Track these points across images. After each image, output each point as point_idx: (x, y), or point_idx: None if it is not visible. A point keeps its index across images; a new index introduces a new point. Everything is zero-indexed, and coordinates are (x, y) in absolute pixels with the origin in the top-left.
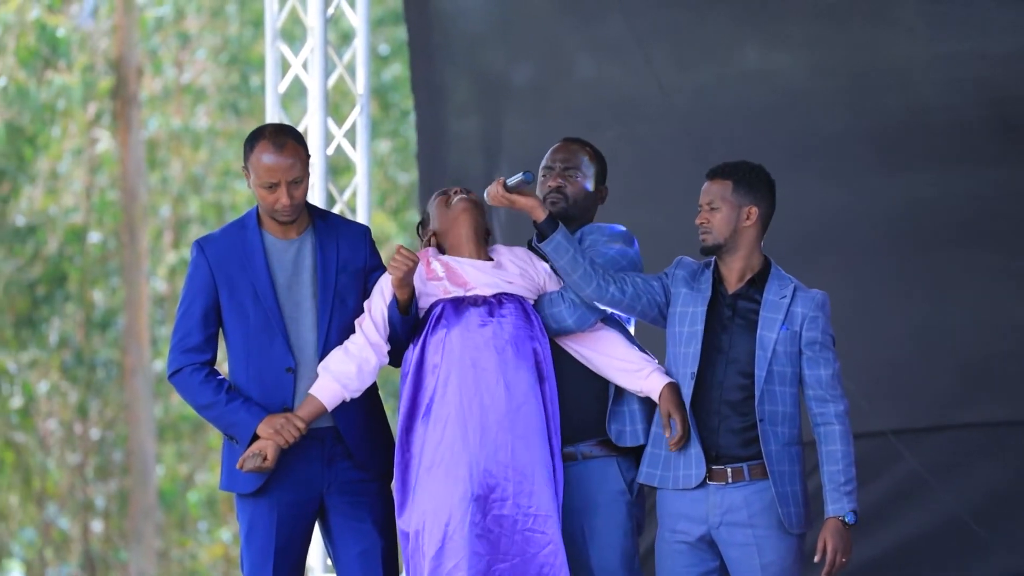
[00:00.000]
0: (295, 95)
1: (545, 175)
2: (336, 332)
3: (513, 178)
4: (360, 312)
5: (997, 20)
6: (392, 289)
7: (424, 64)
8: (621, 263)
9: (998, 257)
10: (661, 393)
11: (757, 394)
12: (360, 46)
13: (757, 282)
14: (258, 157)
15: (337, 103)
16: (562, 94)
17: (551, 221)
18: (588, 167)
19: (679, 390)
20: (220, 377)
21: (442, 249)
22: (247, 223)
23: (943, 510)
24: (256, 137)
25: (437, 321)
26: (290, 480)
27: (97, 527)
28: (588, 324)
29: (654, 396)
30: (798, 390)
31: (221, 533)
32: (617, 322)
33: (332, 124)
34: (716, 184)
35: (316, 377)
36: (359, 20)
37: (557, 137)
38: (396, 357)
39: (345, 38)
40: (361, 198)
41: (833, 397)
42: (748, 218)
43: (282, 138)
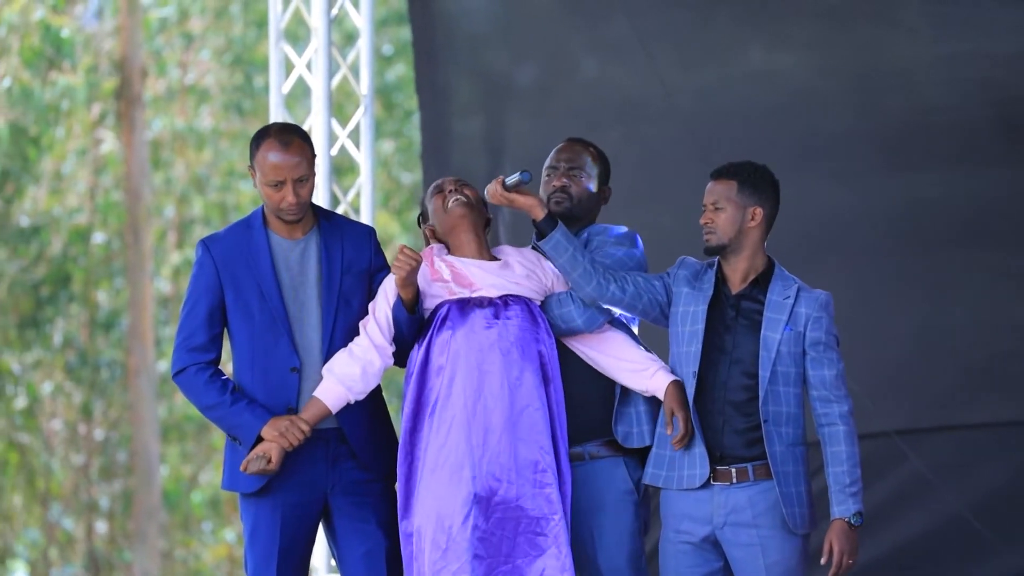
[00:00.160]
0: (299, 96)
1: (549, 175)
2: (341, 332)
3: (512, 177)
4: (365, 313)
5: (1000, 20)
6: (396, 289)
7: (428, 64)
8: (628, 264)
9: (1001, 257)
10: (666, 391)
11: (761, 395)
12: (364, 47)
13: (761, 282)
14: (264, 155)
15: (341, 103)
16: (565, 94)
17: (550, 220)
18: (592, 167)
19: (684, 388)
20: (225, 377)
21: (445, 244)
22: (252, 223)
23: (946, 510)
24: (262, 136)
25: (442, 322)
26: (294, 481)
27: (101, 527)
28: (597, 325)
29: (659, 394)
30: (802, 390)
31: (225, 533)
32: (621, 323)
33: (336, 124)
34: (721, 184)
35: (321, 378)
36: (363, 21)
37: (560, 137)
38: (401, 357)
39: (349, 38)
40: (365, 198)
41: (837, 397)
42: (753, 219)
43: (288, 136)
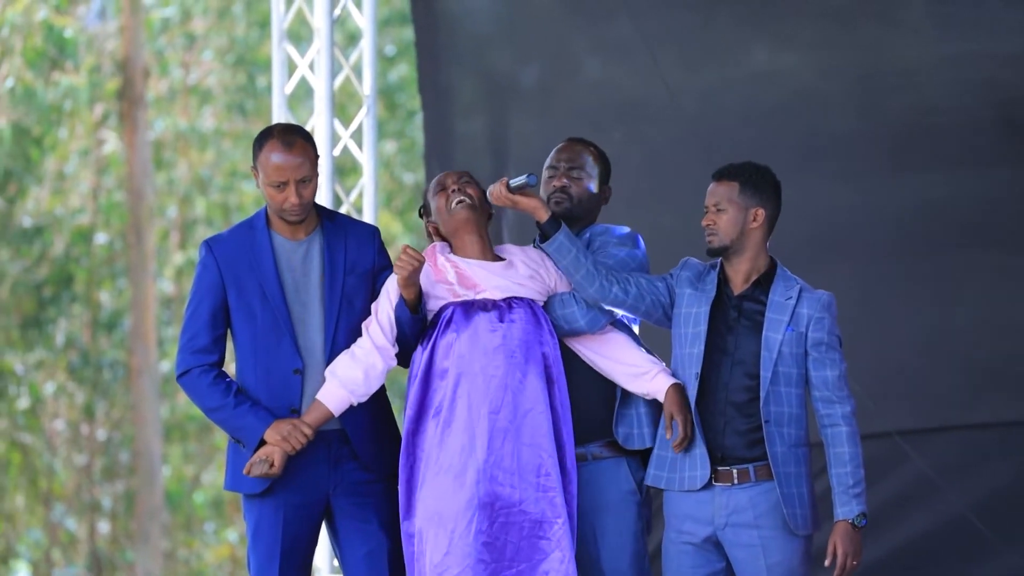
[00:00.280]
0: (301, 96)
1: (550, 175)
2: (344, 333)
3: (517, 180)
4: (368, 313)
5: (1004, 20)
6: (399, 289)
7: (431, 65)
8: (630, 265)
9: (1005, 257)
10: (666, 394)
11: (762, 395)
12: (366, 47)
13: (763, 283)
14: (267, 156)
15: (343, 104)
16: (569, 95)
17: (554, 222)
18: (592, 167)
19: (684, 391)
20: (228, 380)
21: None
22: (255, 224)
23: (949, 511)
24: (265, 136)
25: (447, 325)
26: (296, 481)
27: (104, 528)
28: (600, 326)
29: (660, 397)
30: (804, 391)
31: (227, 534)
32: (624, 325)
33: (339, 125)
34: (722, 186)
35: (323, 379)
36: (365, 21)
37: (563, 138)
38: (404, 358)
39: (351, 39)
40: (367, 199)
41: (840, 398)
42: (755, 220)
43: (291, 137)
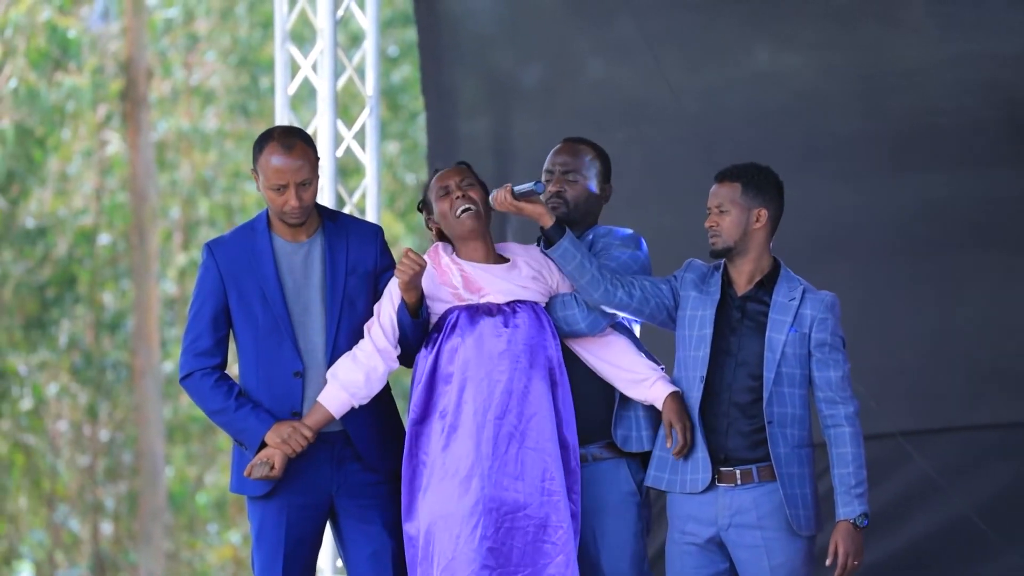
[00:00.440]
0: (304, 97)
1: (546, 179)
2: (345, 335)
3: (522, 186)
4: (370, 314)
5: (1006, 21)
6: (400, 292)
7: (434, 65)
8: (632, 267)
9: (1008, 258)
10: (664, 403)
11: (765, 396)
12: (369, 48)
13: (766, 284)
14: (267, 159)
15: (346, 105)
16: (571, 95)
17: (558, 227)
18: (590, 167)
19: (682, 399)
20: (230, 382)
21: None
22: (257, 226)
23: (953, 511)
24: (265, 139)
25: (452, 330)
26: (299, 482)
27: (107, 529)
28: (600, 328)
29: (658, 405)
30: (808, 392)
31: (230, 535)
32: (624, 327)
33: (341, 126)
34: (725, 187)
35: (325, 381)
36: (368, 22)
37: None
38: (407, 358)
39: (354, 40)
40: (370, 199)
41: (843, 399)
42: (758, 220)
43: (290, 139)
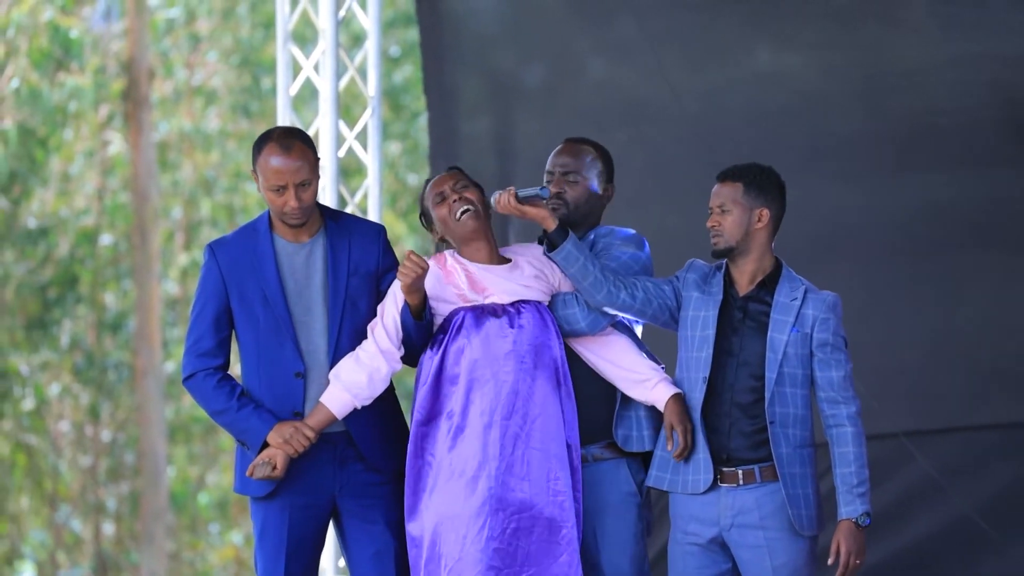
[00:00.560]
0: (306, 97)
1: (547, 180)
2: (347, 336)
3: (527, 191)
4: (373, 315)
5: (1008, 21)
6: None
7: (436, 65)
8: (633, 268)
9: (1009, 258)
10: (665, 405)
11: (767, 396)
12: (371, 48)
13: (768, 284)
14: (266, 160)
15: (348, 105)
16: (573, 95)
17: (561, 231)
18: (591, 168)
19: (684, 401)
20: (233, 382)
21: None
22: (259, 226)
23: (955, 512)
24: (264, 140)
25: (457, 331)
26: (301, 482)
27: (109, 529)
28: (600, 328)
29: (659, 406)
30: (810, 392)
31: (232, 535)
32: (625, 326)
33: (343, 126)
34: (726, 187)
35: (327, 382)
36: (370, 22)
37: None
38: (411, 359)
39: (356, 40)
40: (372, 200)
41: (845, 399)
42: (759, 220)
43: (289, 140)
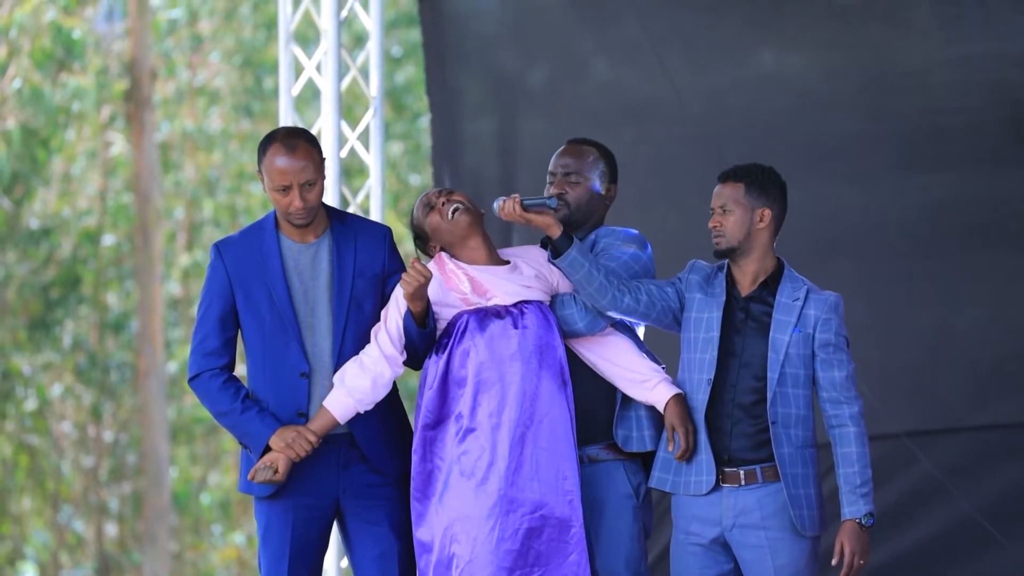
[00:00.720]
0: (308, 98)
1: (549, 181)
2: (352, 337)
3: (533, 199)
4: (378, 317)
5: (1012, 22)
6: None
7: (438, 66)
8: (634, 267)
9: (1013, 258)
10: (666, 405)
11: (769, 396)
12: (373, 49)
13: (770, 284)
14: (271, 160)
15: (350, 105)
16: (576, 96)
17: (566, 238)
18: (593, 168)
19: (685, 402)
20: (238, 384)
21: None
22: (265, 226)
23: (958, 512)
24: (269, 140)
25: (462, 334)
26: (305, 484)
27: (111, 530)
28: (599, 328)
29: (660, 407)
30: (812, 392)
31: (234, 536)
32: (626, 327)
33: (345, 127)
34: (728, 187)
35: (331, 383)
36: (373, 23)
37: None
38: (414, 361)
39: (358, 40)
40: (375, 200)
41: (847, 399)
42: (761, 220)
43: (294, 140)
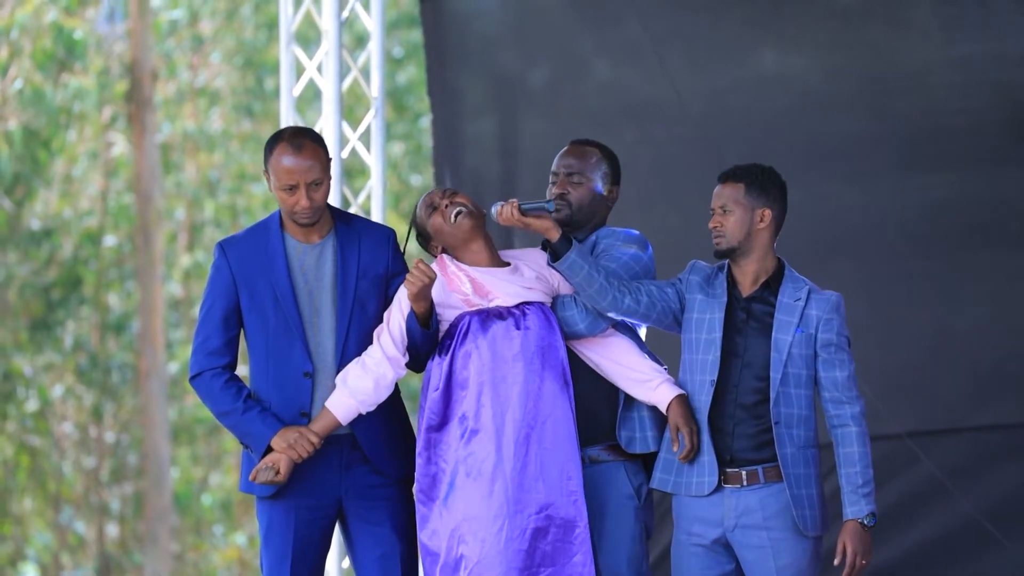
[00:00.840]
0: (310, 98)
1: (551, 181)
2: (355, 338)
3: (532, 204)
4: (381, 318)
5: (1012, 22)
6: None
7: (439, 67)
8: (635, 268)
9: (1014, 258)
10: (669, 406)
11: (772, 397)
12: (375, 49)
13: (771, 285)
14: (277, 159)
15: (351, 106)
16: (577, 96)
17: (565, 241)
18: (596, 169)
19: (688, 402)
20: (240, 384)
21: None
22: (270, 225)
23: (959, 512)
24: (275, 140)
25: (465, 335)
26: (307, 485)
27: (112, 530)
28: (600, 330)
29: (662, 408)
30: (813, 392)
31: (236, 537)
32: (628, 327)
33: (347, 127)
34: (728, 187)
35: (334, 383)
36: (374, 23)
37: (572, 139)
38: (416, 363)
39: (360, 41)
40: (376, 201)
41: (849, 399)
42: (761, 220)
43: (301, 140)
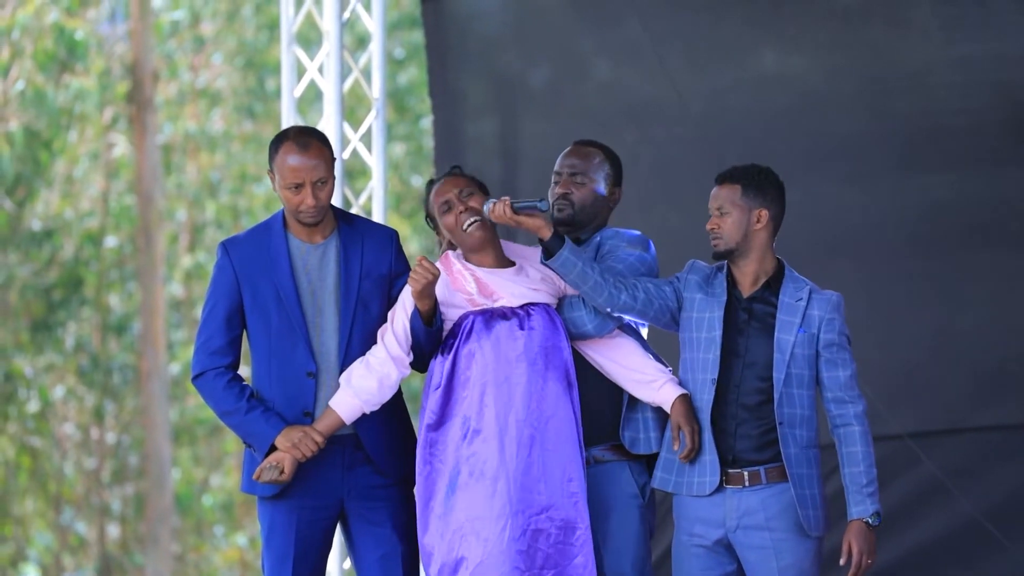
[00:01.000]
0: (311, 99)
1: (554, 181)
2: (358, 338)
3: (524, 202)
4: (384, 318)
5: (1012, 22)
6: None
7: (440, 67)
8: (640, 269)
9: (1015, 258)
10: (672, 405)
11: (776, 397)
12: (376, 50)
13: (772, 285)
14: (283, 158)
15: (352, 107)
16: (578, 97)
17: (557, 239)
18: (598, 170)
19: (691, 402)
20: (243, 383)
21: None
22: (273, 225)
23: (960, 513)
24: (281, 139)
25: (468, 335)
26: (309, 485)
27: (113, 531)
28: (607, 330)
29: (666, 407)
30: (815, 393)
31: (237, 537)
32: (632, 328)
33: (348, 128)
34: (725, 189)
35: (338, 383)
36: (375, 24)
37: (573, 139)
38: (420, 363)
39: (361, 42)
40: (377, 202)
41: (851, 398)
42: (759, 221)
43: (306, 139)
